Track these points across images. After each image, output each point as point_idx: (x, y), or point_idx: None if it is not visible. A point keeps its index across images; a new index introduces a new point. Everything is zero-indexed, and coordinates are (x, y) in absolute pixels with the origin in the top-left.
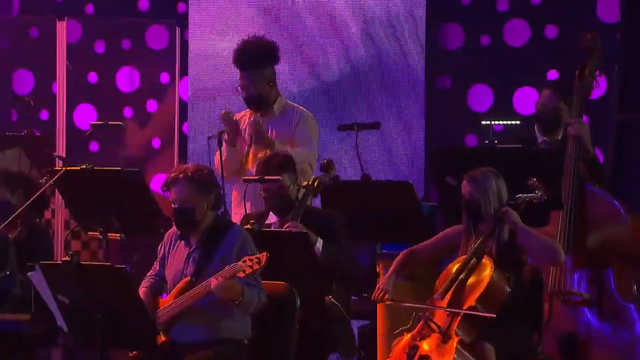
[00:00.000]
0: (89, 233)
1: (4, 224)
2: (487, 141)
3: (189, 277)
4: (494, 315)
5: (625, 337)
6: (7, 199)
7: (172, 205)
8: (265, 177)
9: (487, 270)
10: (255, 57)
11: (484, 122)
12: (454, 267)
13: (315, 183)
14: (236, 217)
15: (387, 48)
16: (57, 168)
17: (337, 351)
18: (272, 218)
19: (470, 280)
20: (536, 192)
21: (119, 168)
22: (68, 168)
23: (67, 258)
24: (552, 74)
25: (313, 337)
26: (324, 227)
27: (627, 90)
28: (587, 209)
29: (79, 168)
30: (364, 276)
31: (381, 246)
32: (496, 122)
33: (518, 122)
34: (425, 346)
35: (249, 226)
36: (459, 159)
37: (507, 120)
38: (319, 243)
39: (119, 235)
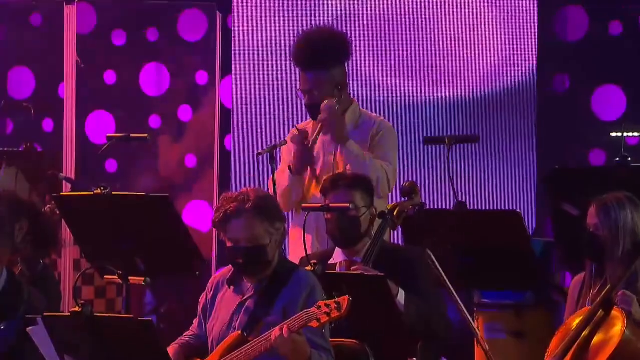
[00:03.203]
0: (105, 277)
1: None
2: (617, 158)
3: (240, 331)
4: None
5: None
6: None
7: (237, 244)
8: (331, 205)
9: (618, 326)
10: (320, 53)
11: (614, 134)
12: (575, 321)
13: (395, 212)
14: (294, 256)
15: (487, 40)
16: (64, 193)
17: None
18: (337, 257)
19: (597, 338)
20: None
21: (143, 193)
22: (78, 193)
23: (77, 309)
24: None
25: None
26: (404, 269)
27: None
28: None
29: (92, 193)
30: (456, 333)
31: (480, 294)
32: (630, 134)
33: None
34: None
35: (310, 268)
36: (581, 181)
37: None
38: (400, 296)
39: (143, 279)
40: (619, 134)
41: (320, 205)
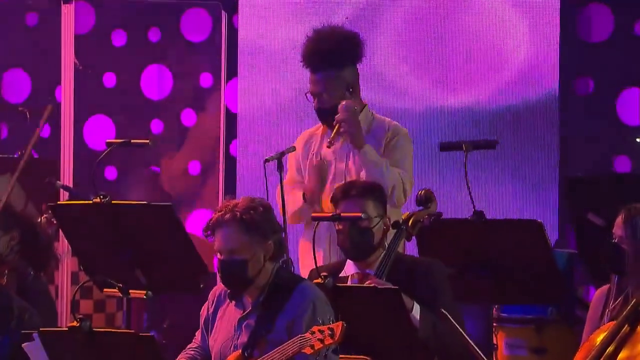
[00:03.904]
0: (105, 290)
1: None
2: None
3: (240, 351)
4: None
5: None
6: None
7: (218, 256)
8: (342, 215)
9: None
10: (329, 53)
11: None
12: (599, 336)
13: (410, 221)
14: (305, 269)
15: (508, 42)
16: (62, 202)
17: None
18: (348, 269)
19: (622, 354)
20: None
21: (145, 202)
22: (76, 202)
23: (75, 323)
24: None
25: None
26: (419, 282)
27: None
28: None
29: (90, 202)
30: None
31: (500, 308)
32: None
33: None
34: None
35: (319, 280)
36: (605, 189)
37: None
38: (415, 310)
39: (144, 293)
40: None
41: (331, 214)
